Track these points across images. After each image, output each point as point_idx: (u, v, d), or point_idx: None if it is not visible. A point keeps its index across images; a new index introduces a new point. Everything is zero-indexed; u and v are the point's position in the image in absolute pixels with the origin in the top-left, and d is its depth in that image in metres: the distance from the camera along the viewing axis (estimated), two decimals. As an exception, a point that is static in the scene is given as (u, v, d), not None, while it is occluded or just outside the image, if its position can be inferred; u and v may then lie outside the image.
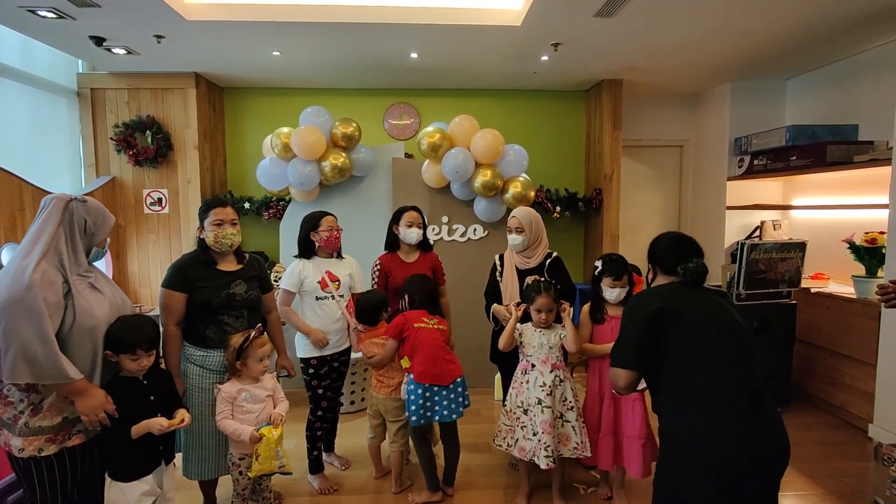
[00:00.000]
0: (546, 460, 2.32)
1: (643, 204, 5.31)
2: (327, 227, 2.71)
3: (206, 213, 2.22)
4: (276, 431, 2.11)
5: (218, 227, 2.20)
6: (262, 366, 2.17)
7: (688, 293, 1.67)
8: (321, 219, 2.72)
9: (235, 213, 2.28)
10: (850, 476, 2.84)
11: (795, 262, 3.48)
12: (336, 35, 3.44)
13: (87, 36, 3.36)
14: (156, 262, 4.39)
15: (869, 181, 3.68)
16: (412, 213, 2.93)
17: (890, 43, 3.51)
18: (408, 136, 4.81)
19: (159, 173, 4.35)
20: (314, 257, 2.74)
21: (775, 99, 4.62)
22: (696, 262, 1.70)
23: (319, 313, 2.69)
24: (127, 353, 1.79)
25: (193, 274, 2.18)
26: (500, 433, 2.54)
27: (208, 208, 2.23)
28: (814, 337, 3.68)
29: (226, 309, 2.21)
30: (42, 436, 1.67)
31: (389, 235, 3.00)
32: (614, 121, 4.51)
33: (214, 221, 2.20)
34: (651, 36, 3.44)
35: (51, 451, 1.68)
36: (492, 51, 3.75)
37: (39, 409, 1.67)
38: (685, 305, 1.62)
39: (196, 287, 2.17)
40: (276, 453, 2.11)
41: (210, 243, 2.21)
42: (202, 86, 4.38)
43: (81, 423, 1.74)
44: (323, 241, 2.70)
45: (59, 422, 1.69)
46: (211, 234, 2.20)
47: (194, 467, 2.27)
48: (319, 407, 2.74)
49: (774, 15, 3.09)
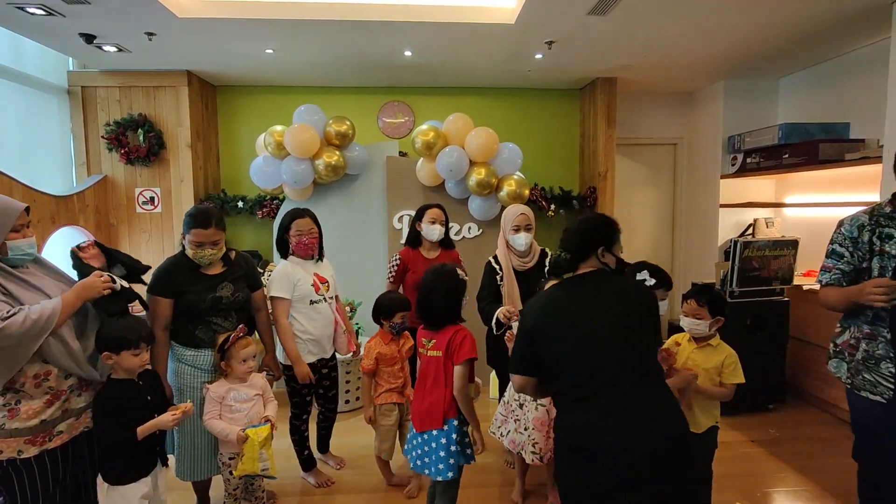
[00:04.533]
0: (532, 456, 2.33)
1: (637, 202, 5.32)
2: (297, 232, 2.55)
3: (188, 230, 2.13)
4: (262, 432, 2.08)
5: (197, 248, 2.14)
6: (245, 367, 2.15)
7: (561, 299, 1.65)
8: (292, 222, 2.57)
9: (218, 232, 2.16)
10: (842, 472, 2.85)
11: (788, 260, 3.51)
12: (330, 33, 3.42)
13: (77, 33, 3.32)
14: (148, 262, 4.20)
15: (860, 179, 3.70)
16: (435, 210, 2.97)
17: (881, 41, 3.53)
18: (402, 135, 4.80)
19: (151, 172, 4.32)
20: (296, 259, 2.61)
21: (768, 97, 4.64)
22: (559, 254, 1.70)
23: (314, 317, 2.59)
24: (129, 348, 1.78)
25: (178, 279, 2.15)
26: (496, 421, 2.57)
27: (190, 226, 2.13)
28: (807, 334, 3.70)
29: (213, 312, 2.19)
30: (20, 437, 1.62)
31: (412, 232, 3.02)
32: (608, 119, 4.52)
33: (194, 242, 2.13)
34: (645, 34, 3.44)
35: (31, 454, 1.64)
36: (486, 49, 3.75)
37: (17, 411, 1.62)
38: (552, 319, 1.61)
39: (181, 292, 2.14)
40: (260, 455, 2.08)
41: (189, 256, 2.17)
42: (195, 84, 4.35)
43: (63, 424, 1.71)
44: (293, 245, 2.58)
45: (37, 423, 1.64)
46: (190, 251, 2.16)
47: (187, 468, 2.26)
48: (305, 412, 2.68)
49: (767, 14, 3.10)
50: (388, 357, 2.62)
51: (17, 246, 1.65)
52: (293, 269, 2.56)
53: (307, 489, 2.72)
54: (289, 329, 2.52)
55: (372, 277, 3.88)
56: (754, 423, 3.48)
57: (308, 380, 2.52)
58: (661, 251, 5.40)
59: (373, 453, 2.75)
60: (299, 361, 2.50)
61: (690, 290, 2.22)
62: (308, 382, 2.53)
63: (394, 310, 2.60)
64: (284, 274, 2.53)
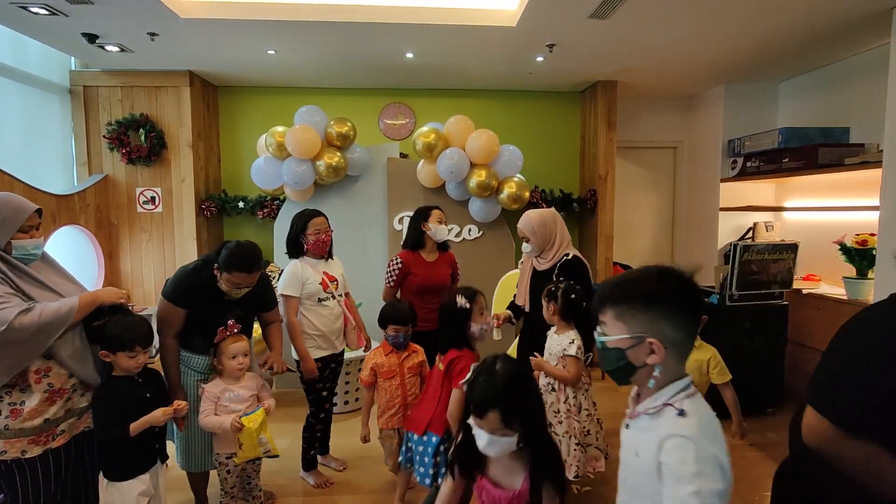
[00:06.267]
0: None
1: (637, 205, 5.33)
2: (315, 231, 2.62)
3: (229, 270, 2.08)
4: (257, 418, 2.08)
5: (234, 287, 2.13)
6: (235, 362, 2.14)
7: None
8: (309, 221, 2.63)
9: (257, 275, 2.16)
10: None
11: (787, 264, 3.51)
12: (331, 34, 3.43)
13: (79, 33, 3.33)
14: (149, 262, 4.36)
15: (860, 183, 3.71)
16: (439, 211, 2.96)
17: (881, 47, 3.54)
18: (403, 136, 4.81)
19: (152, 172, 4.32)
20: (307, 258, 2.67)
21: (768, 101, 4.65)
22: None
23: (322, 314, 2.65)
24: (125, 350, 1.78)
25: (198, 297, 2.14)
26: None
27: (232, 267, 2.07)
28: (805, 338, 3.70)
29: (218, 325, 2.19)
30: (24, 438, 1.63)
31: (416, 233, 2.95)
32: (609, 122, 4.53)
33: (234, 283, 2.11)
34: (645, 38, 3.45)
35: (35, 454, 1.65)
36: (487, 51, 3.76)
37: (20, 412, 1.63)
38: None
39: (195, 307, 2.15)
40: (260, 440, 2.09)
41: (222, 289, 2.15)
42: (196, 84, 4.36)
43: (65, 424, 1.71)
44: (311, 244, 2.63)
45: (40, 423, 1.65)
46: (225, 286, 2.14)
47: (184, 458, 2.28)
48: (322, 409, 2.73)
49: (768, 18, 3.12)
50: (386, 370, 2.44)
51: (22, 246, 1.66)
52: (302, 268, 2.63)
53: (306, 489, 2.72)
54: (298, 326, 2.60)
55: (372, 278, 3.88)
56: (753, 426, 3.47)
57: (314, 375, 2.60)
58: (661, 254, 5.41)
59: (373, 454, 2.74)
60: (307, 358, 2.58)
61: None
62: (312, 378, 2.61)
63: (385, 321, 2.45)
64: (294, 273, 2.60)
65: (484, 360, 1.51)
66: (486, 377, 1.43)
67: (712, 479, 0.97)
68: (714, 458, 0.99)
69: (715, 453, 1.00)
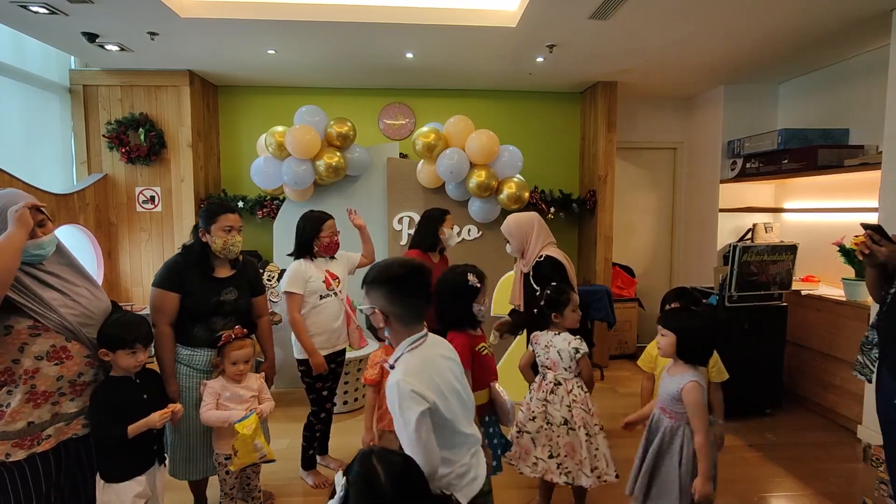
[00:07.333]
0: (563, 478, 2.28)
1: (637, 206, 5.33)
2: (329, 234, 2.69)
3: (214, 219, 2.16)
4: (251, 424, 2.07)
5: (227, 234, 2.17)
6: (235, 369, 2.15)
7: None
8: (324, 223, 2.68)
9: (240, 219, 2.25)
10: (839, 477, 2.86)
11: (786, 265, 3.51)
12: (331, 34, 3.43)
13: (79, 32, 3.33)
14: (148, 261, 4.36)
15: (859, 185, 3.72)
16: (451, 216, 3.02)
17: (881, 48, 3.55)
18: (403, 136, 4.81)
19: (152, 171, 4.32)
20: (311, 258, 2.71)
21: (768, 103, 4.65)
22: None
23: (321, 311, 2.68)
24: (125, 348, 1.78)
25: (186, 277, 2.16)
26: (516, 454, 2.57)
27: (215, 213, 2.17)
28: (804, 339, 3.71)
29: (215, 314, 2.20)
30: (7, 441, 1.60)
31: (432, 237, 2.96)
32: (609, 123, 4.53)
33: (224, 227, 2.16)
34: (645, 39, 3.46)
35: (19, 457, 1.61)
36: (487, 51, 3.76)
37: (2, 415, 1.60)
38: None
39: (186, 291, 2.15)
40: (255, 445, 2.09)
41: (217, 249, 2.18)
42: (196, 84, 4.36)
43: (51, 428, 1.68)
44: (323, 246, 2.68)
45: (23, 426, 1.62)
46: (220, 240, 2.16)
47: (181, 467, 2.26)
48: (323, 409, 2.74)
49: (767, 19, 3.12)
50: None
51: (33, 245, 1.61)
52: (306, 266, 2.66)
53: (305, 489, 2.72)
54: (302, 323, 2.62)
55: (371, 278, 3.88)
56: (752, 427, 3.49)
57: (323, 370, 2.61)
58: (660, 255, 5.41)
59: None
60: (315, 353, 2.60)
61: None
62: (322, 373, 2.62)
63: None
64: (298, 271, 2.64)
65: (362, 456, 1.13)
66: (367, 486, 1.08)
67: (411, 407, 1.29)
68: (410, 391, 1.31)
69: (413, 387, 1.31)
